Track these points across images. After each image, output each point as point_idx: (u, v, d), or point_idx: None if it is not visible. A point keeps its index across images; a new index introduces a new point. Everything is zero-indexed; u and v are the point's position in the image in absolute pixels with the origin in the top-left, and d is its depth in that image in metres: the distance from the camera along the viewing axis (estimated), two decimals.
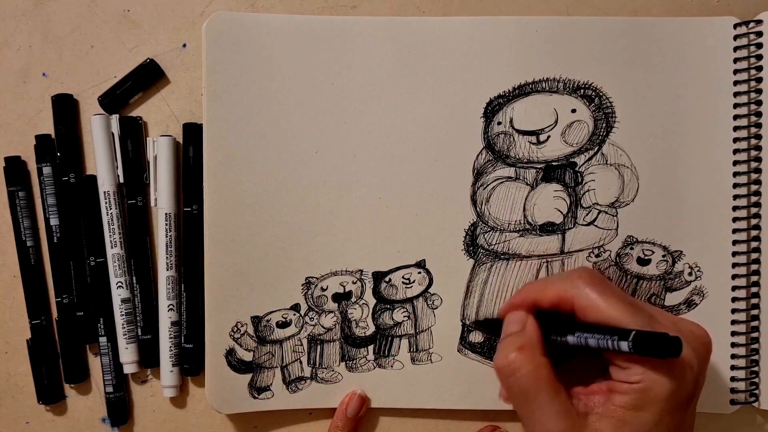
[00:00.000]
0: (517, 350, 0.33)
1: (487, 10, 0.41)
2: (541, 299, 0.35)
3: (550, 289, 0.34)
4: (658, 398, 0.31)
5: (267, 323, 0.40)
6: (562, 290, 0.34)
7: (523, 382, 0.33)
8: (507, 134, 0.40)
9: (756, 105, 0.39)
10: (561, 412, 0.32)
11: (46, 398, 0.42)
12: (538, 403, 0.32)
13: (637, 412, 0.31)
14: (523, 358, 0.33)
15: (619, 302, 0.32)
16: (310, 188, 0.40)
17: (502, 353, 0.34)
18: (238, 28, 0.39)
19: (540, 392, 0.32)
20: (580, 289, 0.33)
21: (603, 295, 0.33)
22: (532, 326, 0.35)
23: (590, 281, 0.33)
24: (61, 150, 0.41)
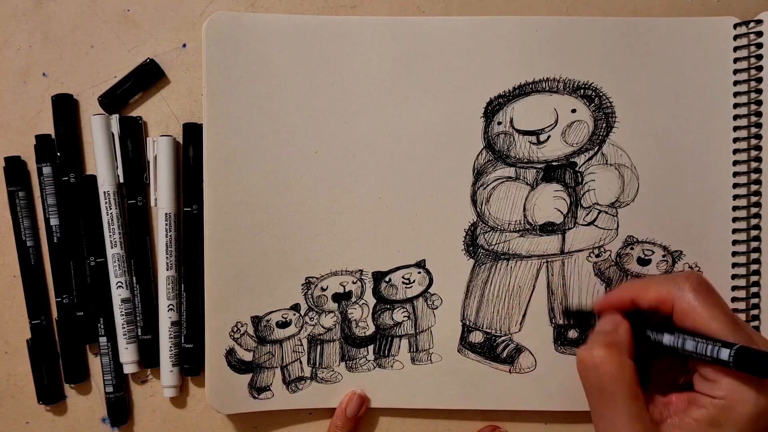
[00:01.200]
0: (604, 347, 0.32)
1: (487, 10, 0.41)
2: (641, 298, 0.34)
3: (652, 290, 0.33)
4: (739, 419, 0.30)
5: (267, 323, 0.40)
6: (665, 291, 0.33)
7: (605, 379, 0.32)
8: (507, 134, 0.40)
9: (756, 105, 0.39)
10: (635, 416, 0.31)
11: (46, 398, 0.42)
12: (615, 404, 0.32)
13: (713, 428, 0.30)
14: (608, 355, 0.32)
15: (722, 314, 0.31)
16: (310, 188, 0.40)
17: (588, 346, 0.33)
18: (238, 28, 0.39)
19: (618, 393, 0.32)
20: (684, 292, 0.32)
21: (706, 303, 0.32)
22: (624, 329, 0.34)
23: (696, 287, 0.32)
24: (61, 150, 0.41)
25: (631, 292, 0.35)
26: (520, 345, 0.41)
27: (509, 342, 0.41)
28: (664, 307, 0.33)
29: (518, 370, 0.41)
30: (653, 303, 0.33)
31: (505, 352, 0.41)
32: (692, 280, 0.33)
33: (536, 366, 0.41)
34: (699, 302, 0.32)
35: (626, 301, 0.35)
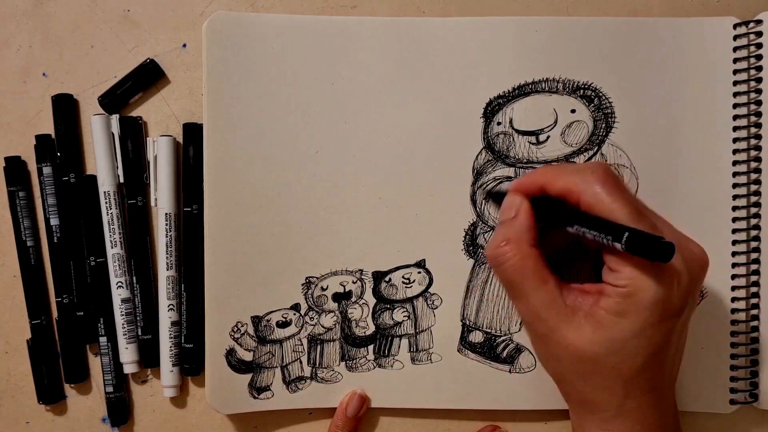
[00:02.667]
0: (503, 243, 0.33)
1: (486, 11, 0.41)
2: (549, 186, 0.34)
3: (560, 179, 0.33)
4: (642, 306, 0.30)
5: (267, 323, 0.41)
6: (572, 182, 0.33)
7: (509, 273, 0.33)
8: (507, 134, 0.40)
9: (756, 105, 0.39)
10: (547, 300, 0.32)
11: (46, 398, 0.42)
12: (523, 292, 0.33)
13: (619, 318, 0.31)
14: (509, 249, 0.33)
15: (626, 205, 0.31)
16: (310, 188, 0.40)
17: (491, 244, 0.34)
18: (238, 28, 0.39)
19: (525, 281, 0.32)
20: (589, 184, 0.32)
21: (611, 195, 0.32)
22: (524, 215, 0.34)
23: (603, 178, 0.32)
24: (61, 150, 0.41)
25: (542, 178, 0.34)
26: (520, 345, 0.41)
27: (509, 342, 0.41)
28: (571, 198, 0.33)
29: (518, 370, 0.41)
30: (561, 192, 0.33)
31: (505, 351, 0.41)
32: (598, 172, 0.32)
33: (536, 366, 0.41)
34: (605, 194, 0.32)
35: (536, 187, 0.34)
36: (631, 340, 0.31)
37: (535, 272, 0.32)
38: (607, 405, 0.32)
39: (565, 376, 0.33)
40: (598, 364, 0.31)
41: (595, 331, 0.31)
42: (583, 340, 0.31)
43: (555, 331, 0.32)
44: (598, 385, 0.32)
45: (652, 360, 0.31)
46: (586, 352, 0.31)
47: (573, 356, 0.32)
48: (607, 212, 0.31)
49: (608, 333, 0.31)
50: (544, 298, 0.32)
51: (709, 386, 0.40)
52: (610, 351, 0.31)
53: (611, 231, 0.30)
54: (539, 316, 0.32)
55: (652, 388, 0.32)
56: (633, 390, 0.32)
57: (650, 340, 0.31)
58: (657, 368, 0.32)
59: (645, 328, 0.31)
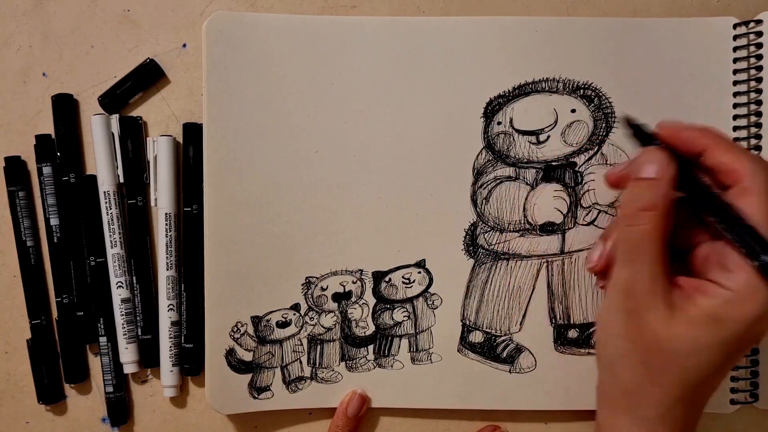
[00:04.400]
0: (651, 206, 0.31)
1: (487, 10, 0.41)
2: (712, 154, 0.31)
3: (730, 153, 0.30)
4: (741, 318, 0.29)
5: (267, 323, 0.41)
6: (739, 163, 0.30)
7: (639, 237, 0.31)
8: (507, 134, 0.40)
9: (756, 105, 0.39)
10: (655, 277, 0.30)
11: (46, 398, 0.42)
12: (638, 259, 0.31)
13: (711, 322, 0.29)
14: (651, 217, 0.31)
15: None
16: (310, 188, 0.40)
17: (630, 198, 0.32)
18: (238, 28, 0.39)
19: (649, 251, 0.31)
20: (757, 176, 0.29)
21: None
22: (667, 182, 0.31)
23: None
24: (61, 150, 0.41)
25: (706, 139, 0.31)
26: (520, 345, 0.41)
27: (509, 342, 0.41)
28: (727, 176, 0.30)
29: (518, 370, 0.41)
30: (720, 166, 0.31)
31: (505, 352, 0.41)
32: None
33: (536, 366, 0.41)
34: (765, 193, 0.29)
35: (694, 148, 0.32)
36: (714, 348, 0.29)
37: (660, 246, 0.31)
38: (656, 404, 0.31)
39: (629, 359, 0.31)
40: (670, 361, 0.30)
41: (683, 327, 0.30)
42: (666, 332, 0.30)
43: (645, 311, 0.30)
44: (657, 381, 0.31)
45: (717, 375, 0.30)
46: (664, 344, 0.30)
47: (649, 343, 0.30)
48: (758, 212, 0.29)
49: (696, 334, 0.29)
50: (653, 274, 0.30)
51: None
52: (690, 352, 0.30)
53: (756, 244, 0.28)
54: (638, 289, 0.31)
55: (699, 403, 0.31)
56: (687, 397, 0.31)
57: (728, 356, 0.30)
58: (712, 385, 0.31)
59: (731, 342, 0.29)
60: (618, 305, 0.32)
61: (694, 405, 0.31)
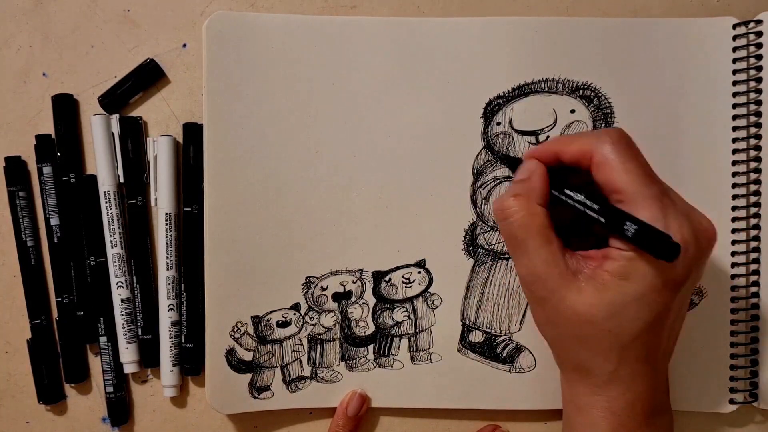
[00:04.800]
0: (513, 196, 0.33)
1: (487, 11, 0.41)
2: (564, 151, 0.33)
3: (575, 143, 0.33)
4: (645, 271, 0.30)
5: (267, 323, 0.41)
6: (585, 143, 0.32)
7: (514, 228, 0.33)
8: (506, 134, 0.40)
9: (755, 105, 0.39)
10: (548, 261, 0.32)
11: (46, 398, 0.42)
12: (526, 249, 0.32)
13: (622, 281, 0.30)
14: (516, 204, 0.33)
15: (636, 168, 0.31)
16: (310, 188, 0.40)
17: (499, 197, 0.34)
18: (239, 28, 0.39)
19: (529, 238, 0.32)
20: (603, 144, 0.32)
21: (622, 156, 0.31)
22: (538, 177, 0.34)
23: (616, 140, 0.32)
24: (61, 150, 0.41)
25: (556, 145, 0.34)
26: (520, 345, 0.41)
27: (509, 341, 0.41)
28: (584, 161, 0.32)
29: (518, 370, 0.41)
30: (575, 156, 0.33)
31: (504, 351, 0.41)
32: (613, 135, 0.32)
33: (536, 365, 0.41)
34: (615, 155, 0.31)
35: (550, 154, 0.34)
36: (631, 304, 0.31)
37: (540, 231, 0.32)
38: (600, 370, 0.32)
39: (561, 340, 0.33)
40: (596, 328, 0.31)
41: (595, 294, 0.31)
42: (583, 303, 0.31)
43: (554, 293, 0.32)
44: (593, 350, 0.32)
45: (650, 327, 0.31)
46: (585, 315, 0.31)
47: (571, 319, 0.32)
48: (616, 173, 0.31)
49: (609, 296, 0.31)
50: (546, 258, 0.32)
51: (709, 386, 0.40)
52: (609, 314, 0.31)
53: (619, 220, 0.30)
54: (539, 277, 0.32)
55: (647, 357, 0.32)
56: (628, 356, 0.32)
57: (650, 307, 0.31)
58: (654, 337, 0.32)
59: (647, 293, 0.30)
60: (530, 296, 0.34)
61: (641, 363, 0.32)
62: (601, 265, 0.31)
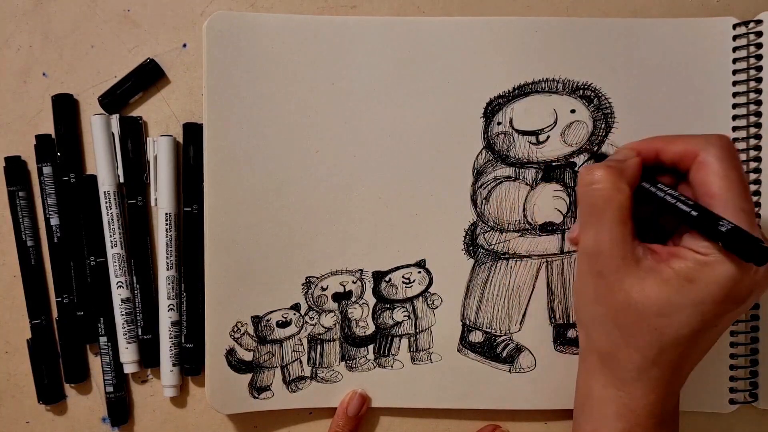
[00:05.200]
0: (605, 167, 0.32)
1: (487, 11, 0.41)
2: (666, 150, 0.33)
3: (680, 142, 0.33)
4: (713, 280, 0.30)
5: (267, 323, 0.41)
6: (692, 143, 0.32)
7: (596, 196, 0.32)
8: (507, 134, 0.40)
9: (755, 105, 0.39)
10: (618, 239, 0.31)
11: (46, 398, 0.42)
12: (600, 220, 0.32)
13: (686, 282, 0.30)
14: (606, 174, 0.32)
15: (737, 179, 0.31)
16: (310, 188, 0.40)
17: (590, 165, 0.33)
18: (239, 28, 0.39)
19: (608, 210, 0.32)
20: (710, 147, 0.31)
21: (726, 163, 0.31)
22: (633, 162, 0.33)
23: (725, 146, 0.31)
24: (61, 150, 0.41)
25: (659, 143, 0.34)
26: (520, 345, 0.41)
27: (509, 342, 0.41)
28: (686, 160, 0.32)
29: (518, 370, 0.41)
30: (679, 154, 0.32)
31: (504, 351, 0.41)
32: (723, 140, 0.32)
33: (536, 365, 0.41)
34: (720, 161, 0.31)
35: (651, 151, 0.34)
36: (686, 308, 0.30)
37: (620, 208, 0.32)
38: (631, 366, 0.32)
39: (601, 322, 0.33)
40: (643, 321, 0.31)
41: (654, 287, 0.31)
42: (639, 291, 0.31)
43: (613, 272, 0.31)
44: (631, 342, 0.32)
45: (694, 336, 0.31)
46: (637, 304, 0.31)
47: (621, 303, 0.31)
48: (717, 177, 0.31)
49: (668, 293, 0.30)
50: (617, 236, 0.31)
51: (709, 386, 0.40)
52: (661, 312, 0.30)
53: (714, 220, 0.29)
54: (604, 252, 0.32)
55: (679, 365, 0.32)
56: (663, 359, 0.31)
57: (704, 317, 0.30)
58: (693, 348, 0.32)
59: (705, 303, 0.30)
60: (586, 269, 0.33)
61: (672, 368, 0.32)
62: (668, 261, 0.31)
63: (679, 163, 0.33)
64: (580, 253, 0.34)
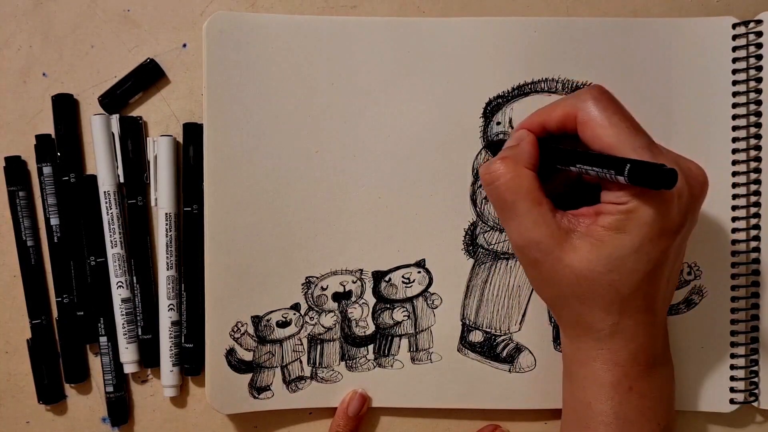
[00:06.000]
0: (500, 160, 0.33)
1: (487, 11, 0.41)
2: (549, 119, 0.34)
3: (558, 107, 0.33)
4: (641, 222, 0.30)
5: (267, 323, 0.41)
6: (568, 105, 0.33)
7: (501, 191, 0.32)
8: (506, 134, 0.40)
9: (755, 105, 0.39)
10: (539, 222, 0.32)
11: (46, 398, 0.42)
12: (515, 212, 0.32)
13: (618, 234, 0.30)
14: (504, 167, 0.32)
15: (621, 121, 0.31)
16: (310, 188, 0.40)
17: (486, 162, 0.34)
18: (239, 28, 0.39)
19: (518, 201, 0.32)
20: (585, 103, 0.32)
21: (605, 111, 0.31)
22: (527, 142, 0.34)
23: (597, 97, 0.32)
24: (62, 150, 0.41)
25: (539, 116, 0.34)
26: (520, 344, 0.41)
27: (509, 341, 0.41)
28: (569, 123, 0.33)
29: (518, 370, 0.41)
30: (560, 120, 0.33)
31: (504, 351, 0.41)
32: (594, 92, 0.32)
33: (536, 365, 0.41)
34: (599, 111, 0.31)
35: (536, 125, 0.34)
36: (629, 257, 0.31)
37: (528, 192, 0.32)
38: (602, 324, 0.32)
39: (561, 299, 0.33)
40: (595, 283, 0.31)
41: (592, 250, 0.31)
42: (580, 260, 0.31)
43: (549, 254, 0.32)
44: (594, 305, 0.32)
45: (649, 277, 0.31)
46: (583, 272, 0.31)
47: (569, 278, 0.32)
48: (602, 128, 0.31)
49: (606, 250, 0.31)
50: (536, 219, 0.32)
51: (709, 386, 0.40)
52: (608, 268, 0.31)
53: (613, 165, 0.30)
54: (531, 239, 0.32)
55: (648, 307, 0.32)
56: (629, 308, 0.32)
57: (648, 256, 0.31)
58: (653, 286, 0.32)
59: (644, 244, 0.30)
60: (524, 261, 0.34)
61: (642, 313, 0.32)
62: (594, 221, 0.31)
63: (564, 127, 0.33)
64: (513, 248, 0.34)
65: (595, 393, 0.33)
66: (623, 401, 0.33)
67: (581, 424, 0.34)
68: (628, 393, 0.33)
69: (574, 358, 0.35)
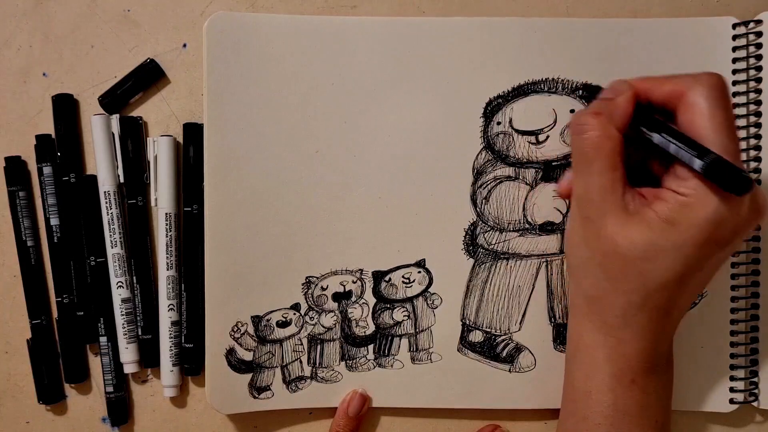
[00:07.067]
0: (593, 114, 0.32)
1: (487, 11, 0.41)
2: (657, 90, 0.32)
3: (671, 81, 0.32)
4: (694, 221, 0.29)
5: (267, 323, 0.41)
6: (681, 83, 0.31)
7: (586, 144, 0.32)
8: (506, 134, 0.40)
9: (755, 105, 0.39)
10: (607, 187, 0.31)
11: (46, 398, 0.42)
12: (590, 168, 0.32)
13: (666, 225, 0.30)
14: (595, 123, 0.32)
15: (724, 120, 0.30)
16: (310, 188, 0.40)
17: (580, 112, 0.33)
18: (239, 28, 0.39)
19: (597, 160, 0.31)
20: (700, 87, 0.31)
21: (713, 103, 0.30)
22: (625, 99, 0.32)
23: (714, 86, 0.31)
24: (62, 150, 0.41)
25: (649, 82, 0.33)
26: (520, 344, 0.41)
27: (509, 341, 0.41)
28: (673, 100, 0.32)
29: (518, 370, 0.41)
30: (667, 94, 0.32)
31: (504, 351, 0.41)
32: (712, 79, 0.31)
33: (536, 365, 0.41)
34: (707, 101, 0.30)
35: (642, 90, 0.33)
36: (669, 252, 0.30)
37: (610, 155, 0.31)
38: (618, 311, 0.32)
39: (588, 266, 0.33)
40: (628, 265, 0.31)
41: (637, 231, 0.30)
42: (623, 236, 0.31)
43: (600, 218, 0.31)
44: (617, 285, 0.32)
45: (679, 280, 0.31)
46: (621, 247, 0.31)
47: (606, 248, 0.31)
48: (703, 118, 0.30)
49: (651, 237, 0.30)
50: (606, 183, 0.31)
51: (708, 386, 0.40)
52: (644, 255, 0.30)
53: (698, 149, 0.29)
54: (593, 199, 0.32)
55: (666, 310, 0.32)
56: (649, 303, 0.31)
57: (687, 259, 0.30)
58: (678, 291, 0.31)
59: (687, 245, 0.30)
60: (576, 214, 0.33)
61: (659, 313, 0.32)
62: (652, 204, 0.31)
63: (668, 103, 0.32)
64: (572, 197, 0.34)
65: (597, 383, 0.33)
66: (624, 394, 0.33)
67: (580, 414, 0.34)
68: (630, 386, 0.33)
69: (579, 343, 0.34)
